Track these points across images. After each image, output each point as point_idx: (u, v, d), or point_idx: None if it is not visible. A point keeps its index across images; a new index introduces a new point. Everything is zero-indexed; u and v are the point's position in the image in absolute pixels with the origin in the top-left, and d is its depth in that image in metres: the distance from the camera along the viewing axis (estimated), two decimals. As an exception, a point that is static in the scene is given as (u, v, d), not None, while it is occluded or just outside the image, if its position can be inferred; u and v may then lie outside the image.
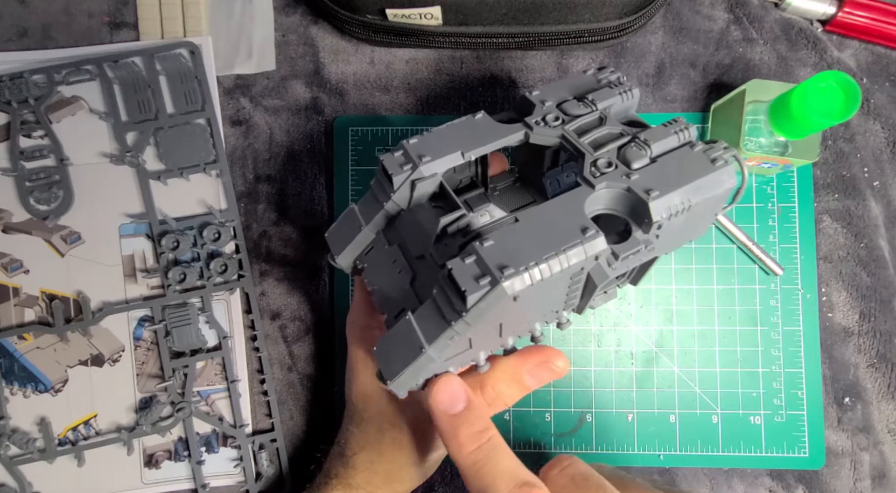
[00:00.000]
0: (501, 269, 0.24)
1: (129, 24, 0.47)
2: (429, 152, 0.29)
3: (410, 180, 0.29)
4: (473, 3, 0.40)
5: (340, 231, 0.32)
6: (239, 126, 0.46)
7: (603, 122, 0.30)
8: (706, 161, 0.28)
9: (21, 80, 0.45)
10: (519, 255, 0.25)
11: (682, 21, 0.46)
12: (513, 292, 0.24)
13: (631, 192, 0.27)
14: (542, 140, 0.30)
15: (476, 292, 0.24)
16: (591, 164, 0.28)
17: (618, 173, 0.28)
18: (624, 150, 0.29)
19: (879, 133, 0.45)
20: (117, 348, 0.45)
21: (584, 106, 0.31)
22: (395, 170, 0.29)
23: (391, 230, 0.31)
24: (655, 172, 0.28)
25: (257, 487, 0.44)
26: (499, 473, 0.26)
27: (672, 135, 0.29)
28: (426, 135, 0.30)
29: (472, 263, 0.25)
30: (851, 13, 0.44)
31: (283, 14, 0.47)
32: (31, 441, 0.44)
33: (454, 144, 0.30)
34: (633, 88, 0.32)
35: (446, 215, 0.28)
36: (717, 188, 0.28)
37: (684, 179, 0.27)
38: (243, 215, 0.46)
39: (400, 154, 0.30)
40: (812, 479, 0.43)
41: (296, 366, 0.45)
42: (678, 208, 0.27)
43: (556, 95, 0.32)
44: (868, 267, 0.44)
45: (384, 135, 0.46)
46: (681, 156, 0.28)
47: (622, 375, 0.44)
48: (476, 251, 0.25)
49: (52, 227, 0.45)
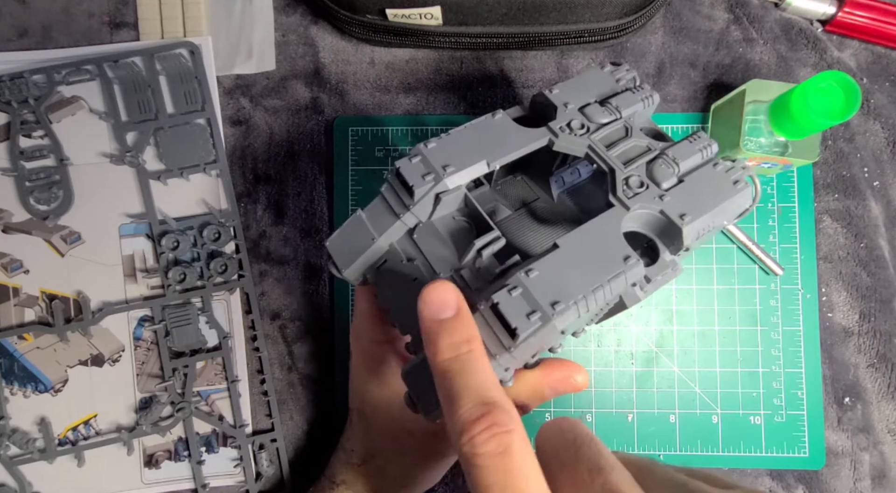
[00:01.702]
0: (553, 304, 0.24)
1: (129, 24, 0.47)
2: (451, 161, 0.27)
3: (434, 194, 0.27)
4: (473, 3, 0.40)
5: (346, 241, 0.29)
6: (239, 126, 0.46)
7: (629, 132, 0.30)
8: (729, 183, 0.28)
9: (21, 80, 0.45)
10: (567, 288, 0.24)
11: (682, 21, 0.46)
12: (563, 326, 0.24)
13: (664, 215, 0.27)
14: (568, 149, 0.29)
15: (528, 330, 0.23)
16: (623, 182, 0.28)
17: (650, 195, 0.27)
18: (652, 167, 0.28)
19: (879, 133, 0.45)
20: (117, 348, 0.45)
21: (607, 112, 0.30)
22: (416, 181, 0.27)
23: (407, 243, 0.29)
24: (685, 194, 0.27)
25: (257, 487, 0.44)
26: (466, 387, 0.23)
27: (697, 152, 0.29)
28: (445, 139, 0.28)
29: (520, 297, 0.24)
30: (851, 13, 0.44)
31: (283, 14, 0.47)
32: (31, 441, 0.44)
33: (477, 150, 0.28)
34: (654, 95, 0.31)
35: (480, 238, 0.27)
36: (735, 210, 0.28)
37: (712, 203, 0.27)
38: (243, 215, 0.46)
39: (419, 161, 0.28)
40: (812, 479, 0.43)
41: (296, 366, 0.45)
42: (705, 231, 0.27)
43: (576, 97, 0.31)
44: (868, 267, 0.44)
45: (384, 135, 0.46)
46: (706, 177, 0.28)
47: (622, 375, 0.44)
48: (523, 284, 0.24)
49: (52, 227, 0.45)
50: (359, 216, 0.29)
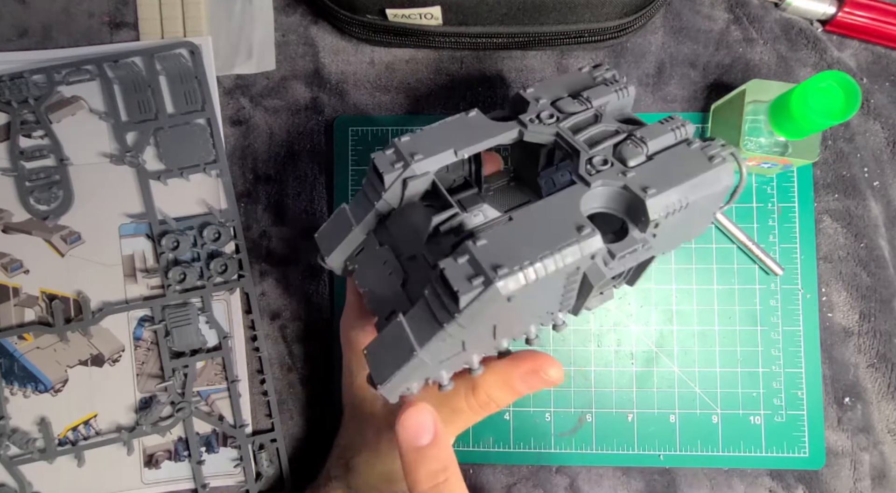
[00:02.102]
0: (495, 268, 0.23)
1: (129, 24, 0.47)
2: (421, 150, 0.29)
3: (402, 179, 0.28)
4: (473, 3, 0.40)
5: (330, 231, 0.31)
6: (239, 126, 0.46)
7: (598, 119, 0.30)
8: (704, 159, 0.27)
9: (21, 80, 0.45)
10: (513, 254, 0.24)
11: (682, 21, 0.46)
12: (507, 292, 0.24)
13: (627, 190, 0.27)
14: (537, 138, 0.30)
15: (469, 293, 0.23)
16: (586, 161, 0.28)
17: (614, 171, 0.27)
18: (620, 147, 0.28)
19: (879, 133, 0.45)
20: (117, 348, 0.45)
21: (578, 103, 0.30)
22: (386, 168, 0.28)
23: (382, 230, 0.30)
24: (652, 170, 0.27)
25: (257, 487, 0.44)
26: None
27: (668, 132, 0.28)
28: (419, 133, 0.30)
29: (465, 262, 0.24)
30: (851, 13, 0.44)
31: (283, 14, 0.47)
32: (31, 441, 0.44)
33: (447, 142, 0.29)
34: (629, 86, 0.31)
35: (438, 214, 0.28)
36: (714, 186, 0.27)
37: (682, 177, 0.27)
38: (243, 215, 0.46)
39: (391, 152, 0.29)
40: (812, 479, 0.43)
41: (296, 366, 0.45)
42: (675, 207, 0.26)
43: (551, 93, 0.31)
44: (868, 267, 0.44)
45: (384, 135, 0.46)
46: (678, 154, 0.28)
47: (622, 375, 0.44)
48: (469, 251, 0.24)
49: (52, 227, 0.45)
50: (343, 208, 0.31)
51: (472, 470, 0.44)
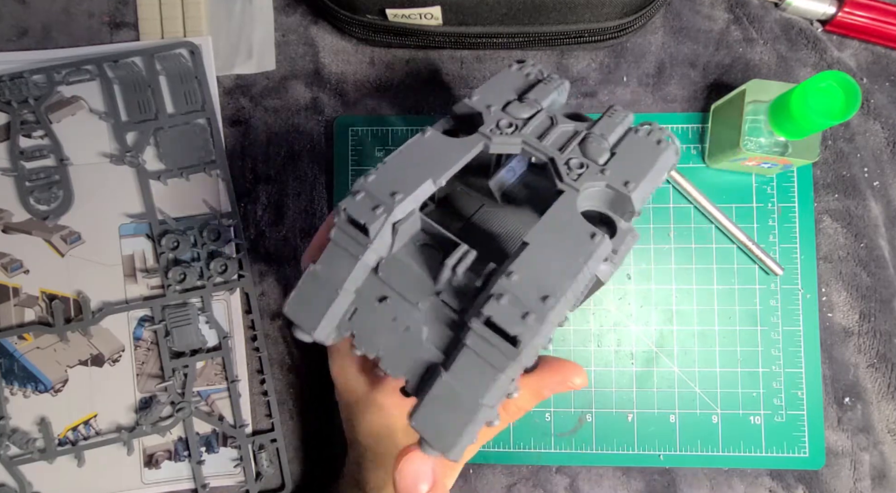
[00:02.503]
0: (543, 299, 0.23)
1: (129, 24, 0.47)
2: (397, 188, 0.26)
3: (390, 225, 0.26)
4: (473, 3, 0.40)
5: (306, 301, 0.27)
6: (239, 126, 0.46)
7: (554, 121, 0.30)
8: (653, 144, 0.30)
9: (21, 80, 0.45)
10: (549, 281, 0.24)
11: (682, 21, 0.46)
12: (559, 320, 0.24)
13: (611, 188, 0.28)
14: (504, 149, 0.30)
15: (527, 334, 0.23)
16: (564, 167, 0.28)
17: (592, 172, 0.28)
18: (585, 147, 0.29)
19: (879, 133, 0.45)
20: (117, 348, 0.45)
21: (528, 106, 0.31)
22: (366, 217, 0.26)
23: (374, 284, 0.27)
24: (621, 164, 0.29)
25: (257, 487, 0.44)
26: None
27: (618, 124, 0.30)
28: (382, 168, 0.27)
29: (507, 304, 0.24)
30: (851, 13, 0.44)
31: (283, 14, 0.47)
32: (31, 441, 0.44)
33: (419, 172, 0.27)
34: (564, 82, 0.33)
35: (451, 255, 0.26)
36: (667, 167, 0.30)
37: (647, 166, 0.29)
38: (243, 215, 0.46)
39: (363, 197, 0.26)
40: (812, 479, 0.43)
41: (296, 366, 0.45)
42: (647, 193, 0.29)
43: (495, 98, 0.31)
44: (868, 267, 0.44)
45: (384, 135, 0.46)
46: (632, 144, 0.30)
47: (622, 375, 0.44)
48: (509, 290, 0.24)
49: (52, 227, 0.45)
50: (313, 271, 0.27)
51: (472, 470, 0.44)
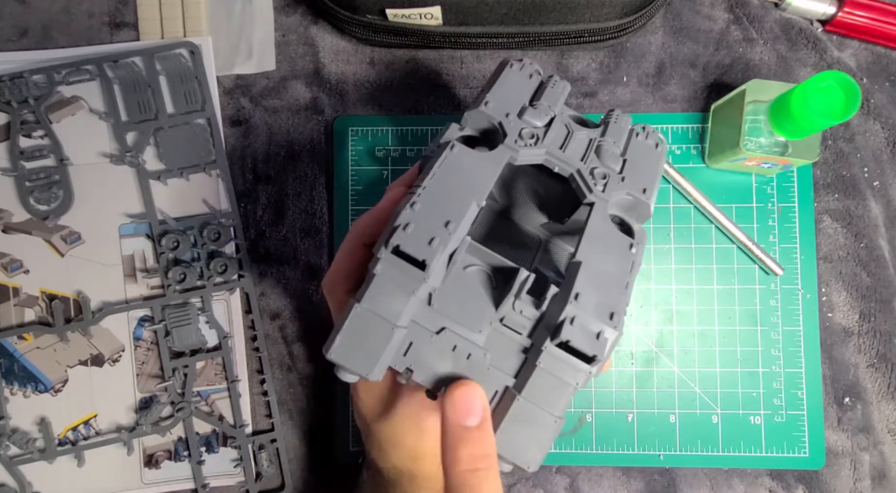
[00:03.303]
0: (611, 317, 0.25)
1: (129, 24, 0.47)
2: (447, 216, 0.26)
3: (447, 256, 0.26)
4: (473, 3, 0.40)
5: (357, 342, 0.25)
6: (239, 126, 0.46)
7: (569, 129, 0.31)
8: (653, 148, 0.31)
9: (21, 80, 0.45)
10: (610, 297, 0.26)
11: (682, 21, 0.46)
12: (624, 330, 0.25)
13: (631, 195, 0.29)
14: (529, 160, 0.30)
15: (605, 351, 0.25)
16: (590, 177, 0.29)
17: (615, 182, 0.29)
18: (601, 156, 0.30)
19: (879, 133, 0.45)
20: (117, 348, 0.45)
21: (543, 113, 0.31)
22: (425, 253, 0.24)
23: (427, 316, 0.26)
24: (634, 171, 0.30)
25: (257, 487, 0.44)
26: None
27: (623, 130, 0.31)
28: (424, 195, 0.26)
29: (580, 325, 0.25)
30: (851, 13, 0.44)
31: (283, 14, 0.47)
32: (31, 441, 0.44)
33: (461, 196, 0.27)
34: (565, 84, 0.33)
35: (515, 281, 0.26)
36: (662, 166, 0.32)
37: (654, 171, 0.30)
38: (243, 215, 0.46)
39: (414, 229, 0.25)
40: (812, 479, 0.43)
41: (296, 366, 0.45)
42: None
43: (510, 105, 0.31)
44: (868, 267, 0.44)
45: (384, 135, 0.46)
46: (638, 149, 0.31)
47: (622, 375, 0.44)
48: (579, 314, 0.25)
49: (52, 227, 0.45)
50: (362, 311, 0.25)
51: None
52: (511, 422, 0.26)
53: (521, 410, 0.25)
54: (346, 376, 0.26)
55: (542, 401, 0.25)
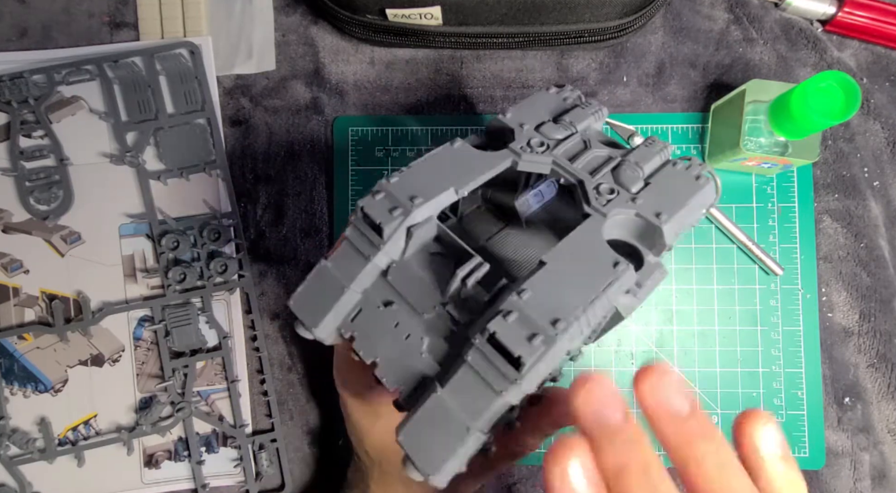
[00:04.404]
0: (554, 323, 0.22)
1: (129, 24, 0.47)
2: (418, 192, 0.26)
3: (405, 228, 0.25)
4: (473, 3, 0.40)
5: (313, 295, 0.26)
6: (239, 126, 0.46)
7: (588, 145, 0.30)
8: (691, 179, 0.28)
9: (21, 80, 0.45)
10: (564, 304, 0.23)
11: (682, 21, 0.46)
12: (570, 347, 0.22)
13: (641, 217, 0.26)
14: (533, 168, 0.29)
15: (532, 356, 0.22)
16: (594, 192, 0.27)
17: (622, 199, 0.27)
18: (618, 174, 0.28)
19: (879, 133, 0.45)
20: (117, 348, 0.45)
21: (563, 128, 0.30)
22: (382, 217, 0.25)
23: (382, 287, 0.26)
24: (655, 195, 0.27)
25: (257, 487, 0.44)
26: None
27: (655, 155, 0.29)
28: (406, 172, 0.27)
29: (516, 321, 0.22)
30: (851, 13, 0.44)
31: (283, 14, 0.47)
32: (31, 441, 0.44)
33: (442, 179, 0.27)
34: (602, 108, 0.32)
35: (462, 266, 0.25)
36: (704, 203, 0.28)
37: (682, 200, 0.27)
38: (243, 215, 0.46)
39: (382, 197, 0.26)
40: (812, 479, 0.43)
41: (296, 366, 0.45)
42: (680, 228, 0.27)
43: (530, 117, 0.30)
44: (868, 267, 0.44)
45: (384, 135, 0.46)
46: (668, 176, 0.28)
47: (622, 375, 0.44)
48: (518, 308, 0.22)
49: (52, 227, 0.45)
50: (323, 267, 0.26)
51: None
52: (423, 416, 0.23)
53: (437, 407, 0.23)
54: (301, 330, 0.26)
55: (462, 403, 0.22)
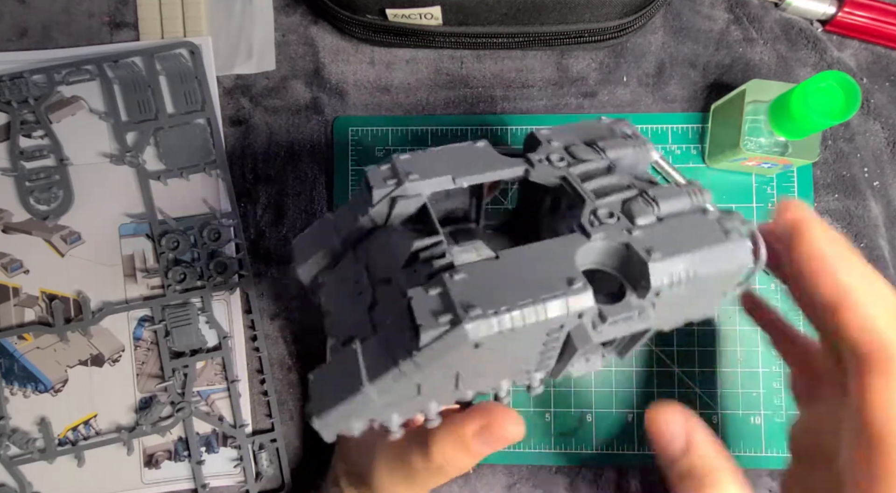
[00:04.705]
0: (467, 308, 0.21)
1: (129, 24, 0.47)
2: (418, 171, 0.27)
3: (391, 197, 0.26)
4: (473, 3, 0.40)
5: (309, 239, 0.29)
6: (239, 126, 0.46)
7: (611, 171, 0.28)
8: (719, 231, 0.25)
9: (21, 80, 0.45)
10: (491, 296, 0.22)
11: (682, 21, 0.46)
12: (475, 337, 0.21)
13: (629, 249, 0.24)
14: (543, 179, 0.28)
15: (432, 330, 0.21)
16: (590, 212, 0.25)
17: (618, 226, 0.25)
18: (629, 203, 0.26)
19: (879, 133, 0.45)
20: (117, 348, 0.45)
21: (593, 151, 0.28)
22: (377, 183, 0.27)
23: (362, 248, 0.28)
24: (661, 233, 0.24)
25: (257, 487, 0.44)
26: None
27: (684, 196, 0.26)
28: (420, 153, 0.28)
29: (436, 295, 0.22)
30: (851, 13, 0.44)
31: (283, 14, 0.47)
32: (31, 441, 0.44)
33: (448, 167, 0.27)
34: (649, 144, 0.29)
35: (421, 239, 0.25)
36: (728, 263, 0.25)
37: (691, 246, 0.24)
38: (243, 215, 0.46)
39: (387, 168, 0.27)
40: (812, 479, 0.43)
41: (296, 366, 0.45)
42: (681, 277, 0.24)
43: (565, 137, 0.30)
44: (868, 267, 0.44)
45: (384, 135, 0.46)
46: (691, 221, 0.25)
47: (622, 375, 0.44)
48: (443, 283, 0.22)
49: (52, 227, 0.45)
50: (326, 218, 0.29)
51: (472, 470, 0.44)
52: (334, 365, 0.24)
53: (348, 359, 0.23)
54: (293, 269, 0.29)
55: (367, 363, 0.23)
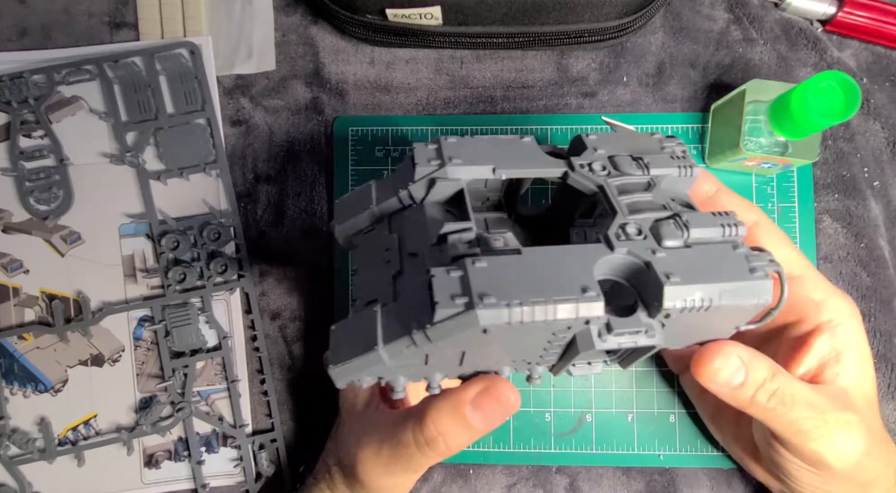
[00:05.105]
0: (482, 295, 0.23)
1: (129, 24, 0.47)
2: (462, 156, 0.28)
3: (432, 177, 0.28)
4: (473, 3, 0.40)
5: (350, 202, 0.31)
6: (239, 126, 0.46)
7: (650, 187, 0.28)
8: (744, 267, 0.25)
9: (21, 80, 0.45)
10: (507, 288, 0.23)
11: (682, 21, 0.46)
12: (485, 323, 0.23)
13: (649, 268, 0.25)
14: (581, 184, 0.29)
15: (446, 309, 0.23)
16: (619, 225, 0.26)
17: (643, 245, 0.25)
18: (660, 224, 0.26)
19: (879, 133, 0.45)
20: (117, 348, 0.45)
21: (636, 166, 0.29)
22: (422, 161, 0.28)
23: (397, 219, 0.30)
24: (685, 258, 0.25)
25: (257, 487, 0.44)
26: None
27: (717, 226, 0.26)
28: (467, 138, 0.30)
29: (457, 278, 0.24)
30: (851, 13, 0.44)
31: (283, 14, 0.47)
32: (31, 441, 0.44)
33: (491, 157, 0.28)
34: (695, 167, 0.29)
35: (450, 224, 0.26)
36: (747, 299, 0.25)
37: (713, 277, 0.24)
38: (243, 215, 0.46)
39: (434, 148, 0.29)
40: (812, 479, 0.43)
41: (296, 366, 0.45)
42: (695, 305, 0.24)
43: (612, 146, 0.30)
44: (868, 267, 0.44)
45: (384, 135, 0.46)
46: (719, 252, 0.26)
47: (622, 375, 0.44)
48: (465, 267, 0.24)
49: (52, 227, 0.45)
50: (370, 184, 0.31)
51: (472, 470, 0.44)
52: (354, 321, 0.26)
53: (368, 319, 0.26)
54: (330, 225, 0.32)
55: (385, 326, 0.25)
